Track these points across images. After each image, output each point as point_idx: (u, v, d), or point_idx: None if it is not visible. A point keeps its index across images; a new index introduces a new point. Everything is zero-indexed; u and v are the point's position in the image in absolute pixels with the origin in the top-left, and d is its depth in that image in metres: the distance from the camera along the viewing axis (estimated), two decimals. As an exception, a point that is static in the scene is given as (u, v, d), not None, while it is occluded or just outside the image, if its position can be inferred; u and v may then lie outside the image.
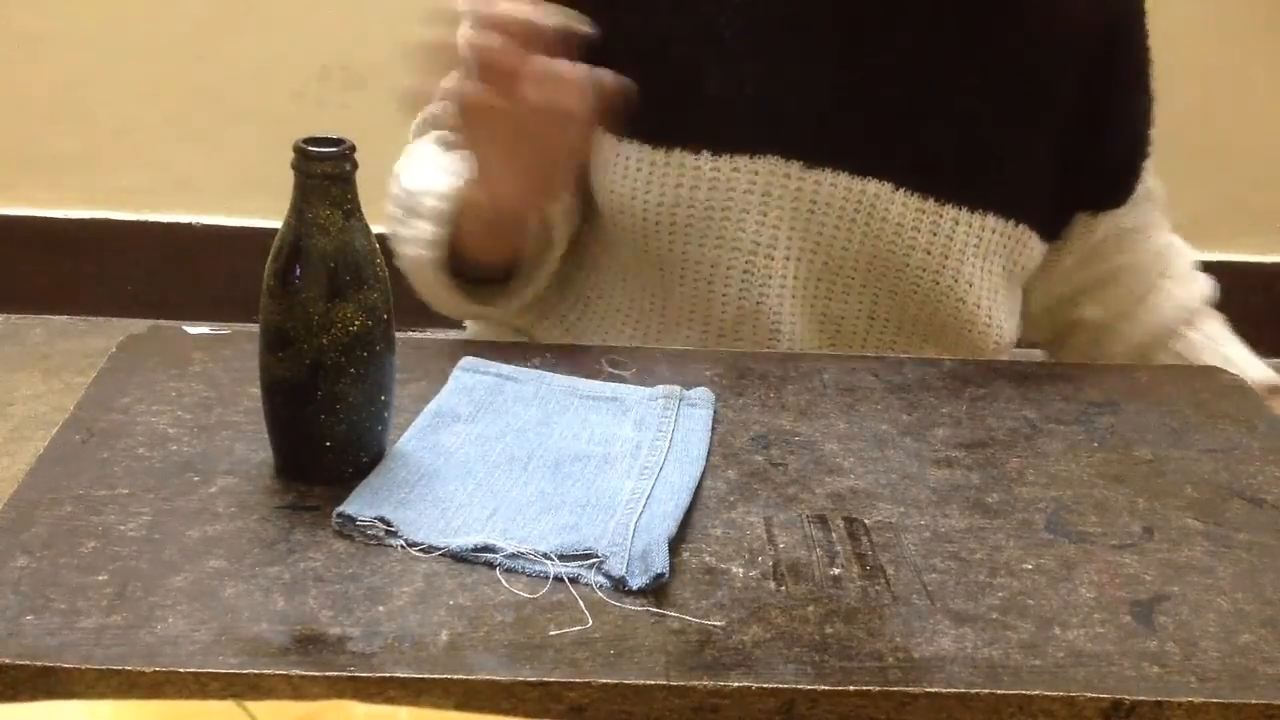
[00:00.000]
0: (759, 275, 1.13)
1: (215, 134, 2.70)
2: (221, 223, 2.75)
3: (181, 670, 0.69)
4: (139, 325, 1.09)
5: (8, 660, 0.69)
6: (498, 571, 0.78)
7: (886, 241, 1.12)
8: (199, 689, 0.69)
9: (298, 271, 0.84)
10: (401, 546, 0.80)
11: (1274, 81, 2.71)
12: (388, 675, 0.69)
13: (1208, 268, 1.35)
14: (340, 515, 0.82)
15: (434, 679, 0.70)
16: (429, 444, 0.91)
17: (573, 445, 0.92)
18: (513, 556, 0.79)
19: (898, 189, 1.12)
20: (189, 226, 2.76)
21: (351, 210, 0.85)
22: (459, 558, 0.79)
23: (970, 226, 1.13)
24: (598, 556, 0.79)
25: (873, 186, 1.12)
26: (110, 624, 0.72)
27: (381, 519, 0.81)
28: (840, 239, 1.13)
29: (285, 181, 1.18)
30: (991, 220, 1.13)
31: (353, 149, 0.84)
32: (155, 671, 0.69)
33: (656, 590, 0.77)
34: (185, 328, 1.07)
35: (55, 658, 0.69)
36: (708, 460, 0.91)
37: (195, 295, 2.68)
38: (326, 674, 0.69)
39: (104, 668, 0.69)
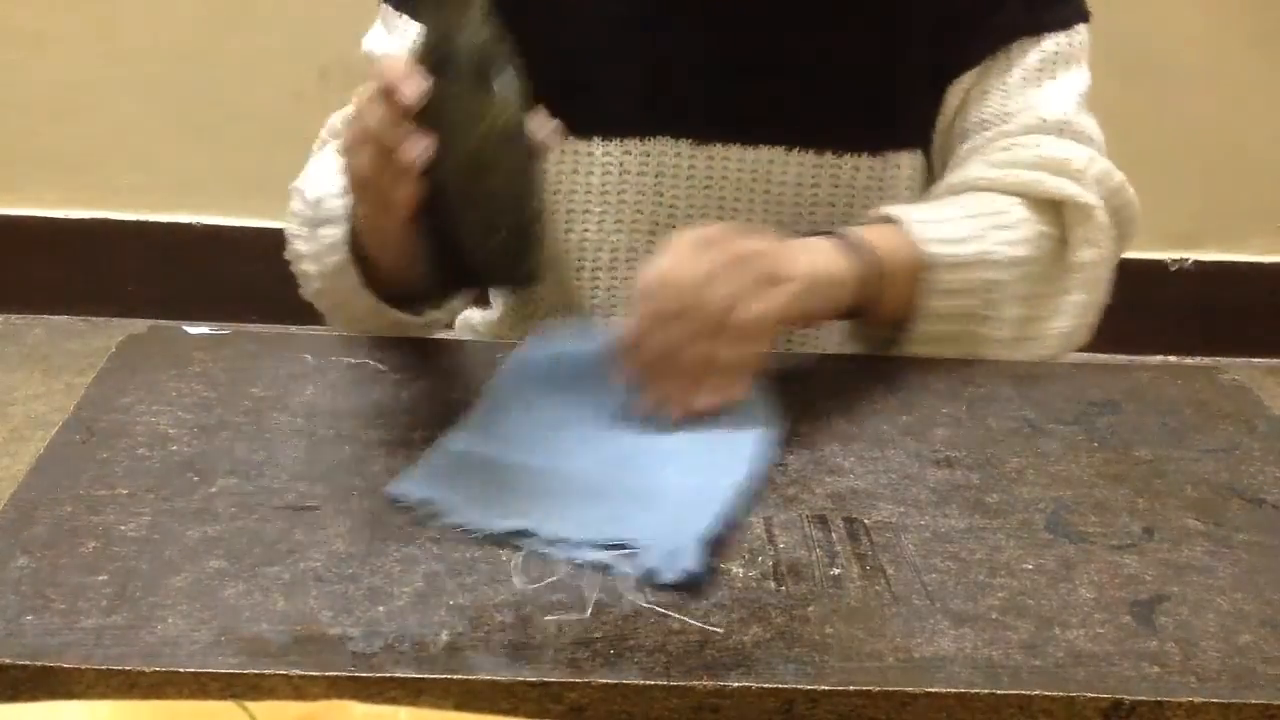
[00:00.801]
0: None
1: (215, 134, 2.70)
2: (221, 223, 2.75)
3: (181, 670, 0.69)
4: (139, 325, 1.09)
5: (8, 660, 0.69)
6: (511, 564, 0.78)
7: (789, 204, 1.14)
8: (199, 689, 0.69)
9: (441, 71, 0.85)
10: (444, 526, 0.81)
11: (1274, 82, 2.71)
12: (388, 675, 0.69)
13: (1208, 268, 1.33)
14: (390, 494, 0.83)
15: (434, 679, 0.70)
16: (485, 425, 0.92)
17: (630, 435, 0.92)
18: (550, 543, 0.79)
19: (790, 150, 1.14)
20: (189, 226, 2.76)
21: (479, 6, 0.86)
22: (493, 539, 0.80)
23: (873, 170, 1.14)
24: (634, 549, 0.79)
25: (765, 153, 1.15)
26: (110, 624, 0.72)
27: (428, 500, 0.83)
28: (742, 210, 1.15)
29: (285, 181, 1.18)
30: (895, 157, 1.14)
31: None
32: (155, 671, 0.69)
33: (682, 588, 0.77)
34: (185, 328, 1.07)
35: (55, 658, 0.69)
36: (766, 461, 0.91)
37: (195, 295, 2.68)
38: (326, 674, 0.69)
39: (104, 668, 0.69)
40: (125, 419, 0.93)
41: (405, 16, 1.19)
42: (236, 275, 2.73)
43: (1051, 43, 1.16)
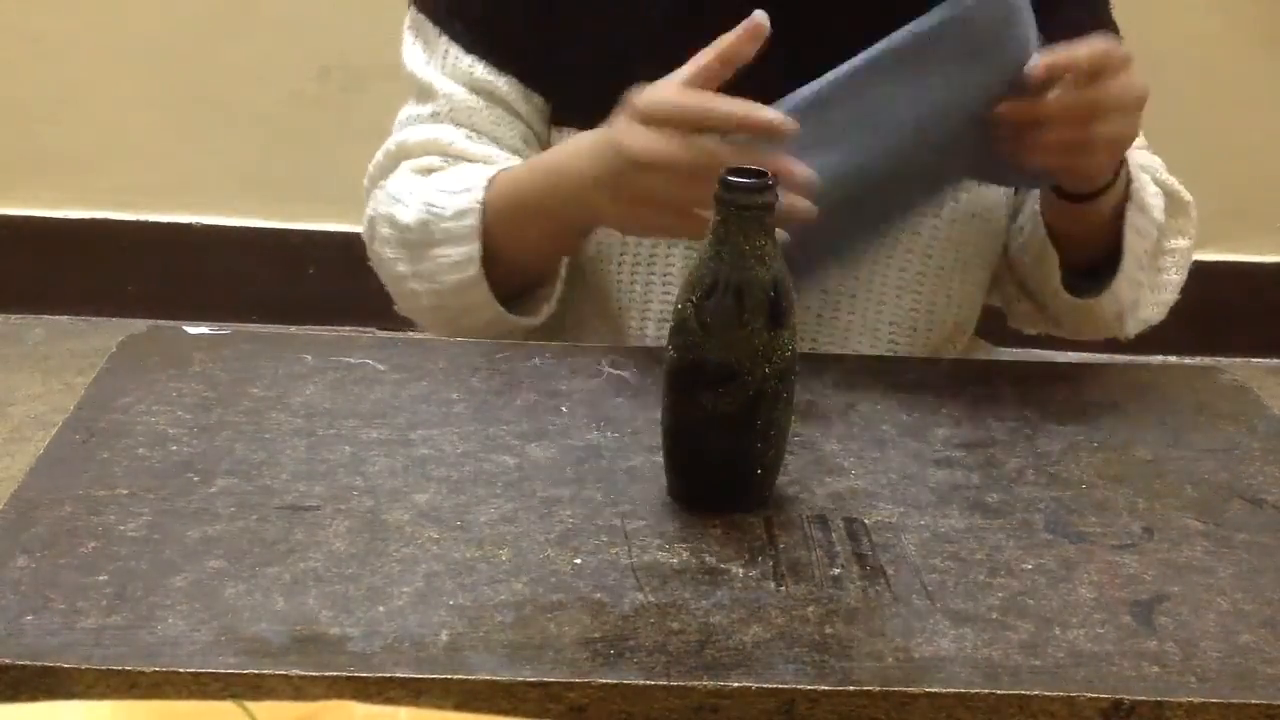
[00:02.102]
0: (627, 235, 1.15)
1: (215, 134, 2.70)
2: (221, 223, 2.75)
3: (181, 670, 0.69)
4: (139, 325, 1.10)
5: (8, 660, 0.69)
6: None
7: None
8: (199, 689, 0.69)
9: (736, 304, 0.83)
10: None
11: (1274, 82, 2.71)
12: (388, 675, 0.69)
13: (1208, 268, 1.35)
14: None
15: (434, 679, 0.70)
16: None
17: None
18: None
19: None
20: (189, 226, 2.76)
21: (774, 238, 0.85)
22: None
23: None
24: None
25: None
26: (110, 624, 0.72)
27: None
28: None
29: (285, 181, 1.18)
30: None
31: (775, 180, 0.85)
32: (155, 671, 0.69)
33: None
34: (185, 328, 1.07)
35: (55, 658, 0.69)
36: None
37: (195, 295, 2.68)
38: (326, 674, 0.69)
39: (104, 668, 0.69)
40: (125, 419, 0.93)
41: (446, 37, 1.17)
42: (236, 275, 2.73)
43: None
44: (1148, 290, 1.18)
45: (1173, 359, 2.67)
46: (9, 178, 2.74)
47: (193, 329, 1.06)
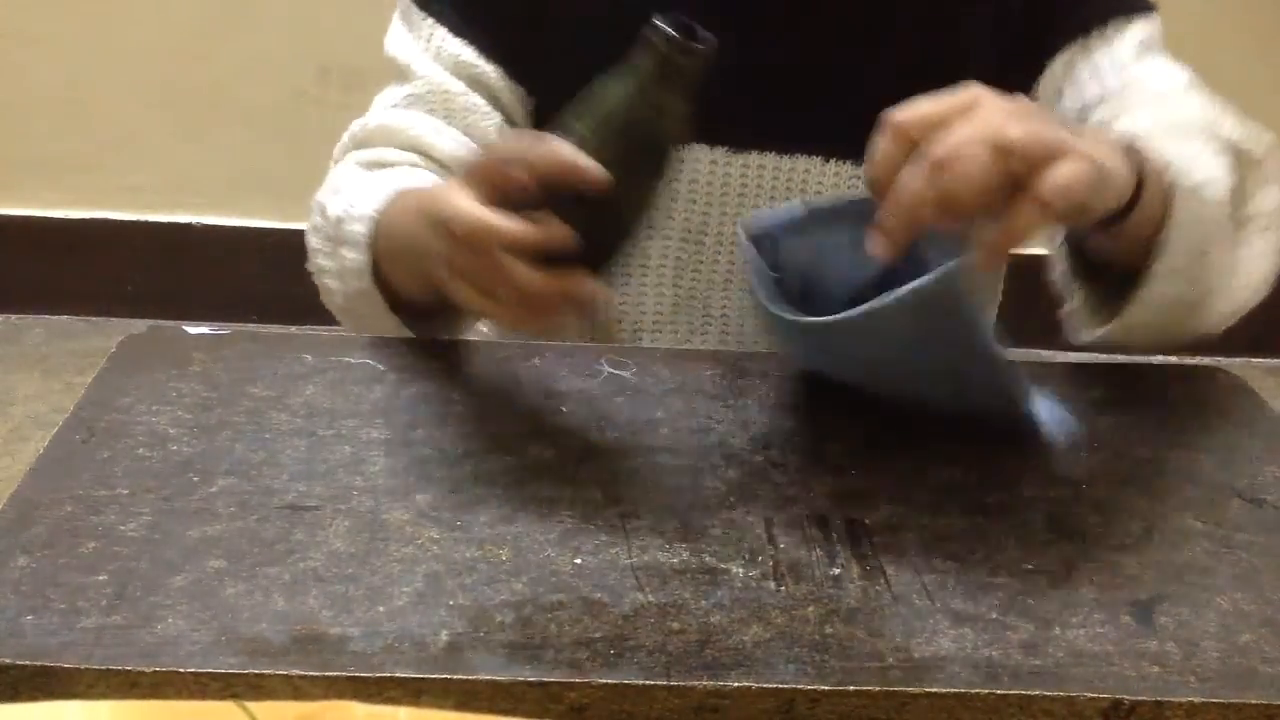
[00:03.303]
0: (689, 262, 1.14)
1: (215, 134, 2.70)
2: (221, 223, 2.75)
3: (181, 670, 0.69)
4: (139, 325, 1.09)
5: (8, 660, 0.69)
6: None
7: None
8: (199, 689, 0.69)
9: (637, 151, 0.86)
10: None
11: (1274, 81, 2.71)
12: (388, 675, 0.69)
13: (1207, 268, 1.31)
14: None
15: (434, 679, 0.70)
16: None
17: None
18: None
19: (828, 160, 1.13)
20: (189, 226, 2.76)
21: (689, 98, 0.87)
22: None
23: None
24: None
25: (802, 163, 1.13)
26: (110, 624, 0.72)
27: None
28: None
29: (285, 181, 1.19)
30: None
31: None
32: (155, 671, 0.69)
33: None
34: (185, 328, 1.07)
35: (55, 658, 0.69)
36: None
37: (195, 295, 2.68)
38: (326, 674, 0.69)
39: (104, 668, 0.69)
40: (125, 419, 0.93)
41: (431, 19, 1.16)
42: (236, 275, 2.73)
43: (1140, 27, 1.15)
44: (1223, 276, 1.05)
45: (1173, 359, 2.67)
46: (9, 178, 2.74)
47: (193, 329, 1.06)
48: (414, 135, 1.14)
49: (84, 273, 2.76)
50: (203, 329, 1.06)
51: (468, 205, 0.88)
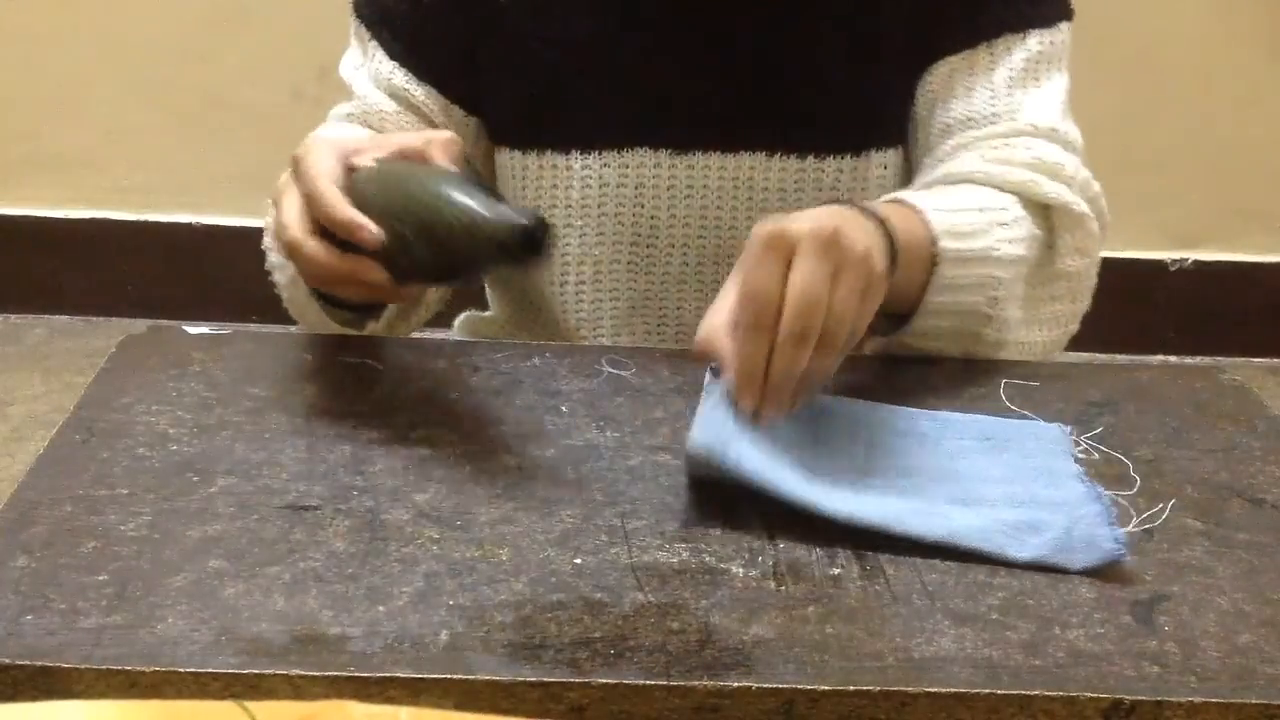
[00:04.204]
0: (642, 265, 1.15)
1: (215, 134, 2.70)
2: (221, 223, 2.75)
3: (181, 670, 0.69)
4: (139, 325, 1.09)
5: (8, 660, 0.69)
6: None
7: (773, 210, 1.13)
8: (199, 689, 0.69)
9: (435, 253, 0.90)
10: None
11: (1274, 81, 2.71)
12: (388, 675, 0.69)
13: (1208, 268, 1.32)
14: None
15: (434, 679, 0.70)
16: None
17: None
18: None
19: (772, 155, 1.14)
20: (189, 226, 2.76)
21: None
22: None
23: (855, 170, 1.14)
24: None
25: (746, 160, 1.14)
26: (110, 624, 0.72)
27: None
28: (725, 218, 1.15)
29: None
30: (878, 156, 1.14)
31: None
32: (155, 671, 0.69)
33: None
34: (185, 328, 1.07)
35: (55, 658, 0.69)
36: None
37: (195, 295, 2.68)
38: (326, 674, 0.69)
39: (104, 668, 0.69)
40: (125, 419, 0.93)
41: (375, 42, 1.19)
42: (236, 275, 2.72)
43: (1036, 41, 1.14)
44: (1025, 328, 1.10)
45: (1173, 359, 2.68)
46: (9, 178, 2.74)
47: (193, 329, 1.06)
48: None
49: (84, 273, 2.76)
50: (203, 329, 1.06)
51: (289, 209, 0.94)
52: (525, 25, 1.15)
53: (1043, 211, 1.09)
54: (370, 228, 0.89)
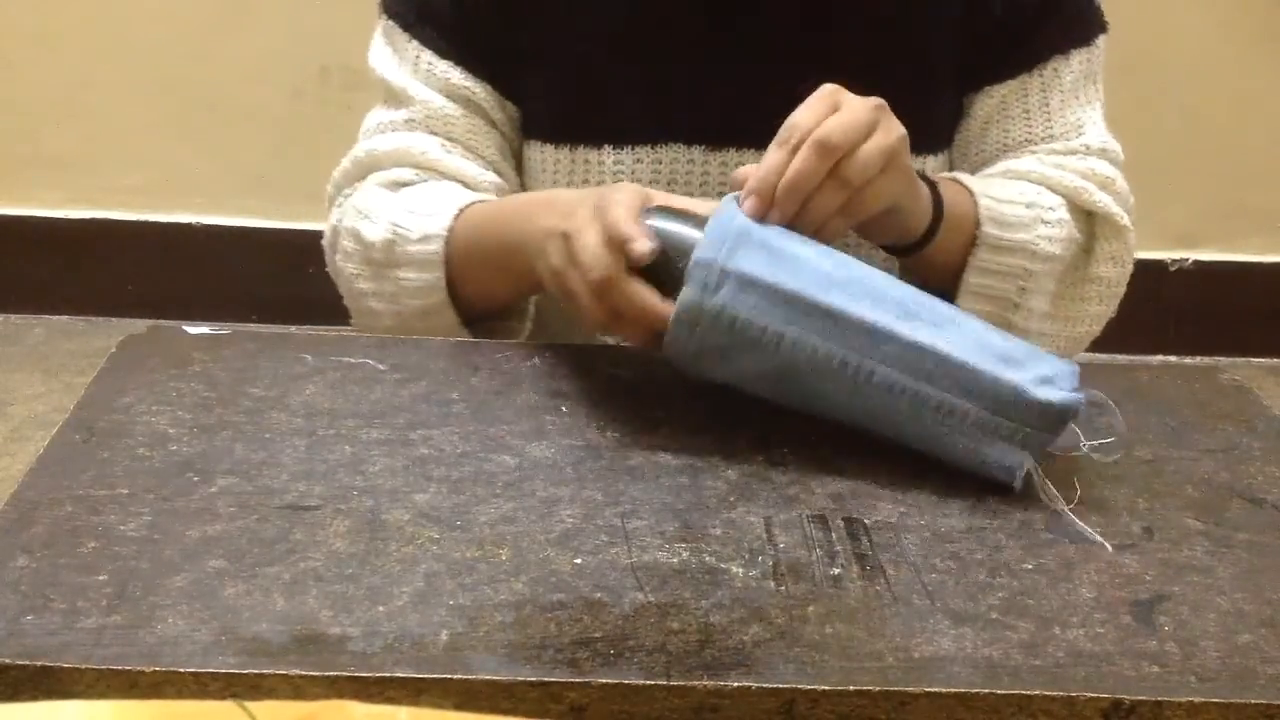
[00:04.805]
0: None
1: (215, 134, 2.70)
2: (221, 223, 2.75)
3: (181, 670, 0.69)
4: (139, 325, 1.09)
5: (8, 660, 0.69)
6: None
7: None
8: (199, 689, 0.69)
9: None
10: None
11: (1274, 81, 2.71)
12: (388, 675, 0.70)
13: (1208, 268, 1.34)
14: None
15: (434, 679, 0.70)
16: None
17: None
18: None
19: None
20: (189, 226, 2.76)
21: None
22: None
23: None
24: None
25: None
26: (110, 624, 0.72)
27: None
28: None
29: (285, 181, 1.19)
30: (915, 160, 1.15)
31: None
32: (155, 671, 0.69)
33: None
34: (185, 328, 1.07)
35: (55, 658, 0.69)
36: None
37: (195, 295, 2.68)
38: (326, 674, 0.69)
39: (104, 668, 0.69)
40: (125, 419, 0.93)
41: (417, 42, 1.17)
42: (236, 275, 2.73)
43: (1079, 60, 1.19)
44: (1050, 321, 1.16)
45: (1173, 359, 2.68)
46: (9, 178, 2.74)
47: (193, 329, 1.06)
48: (431, 158, 1.16)
49: (84, 273, 2.76)
50: (203, 329, 1.06)
51: (595, 237, 0.93)
52: (560, 18, 1.15)
53: (1086, 218, 1.16)
54: (646, 244, 0.91)
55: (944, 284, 1.11)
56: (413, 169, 1.16)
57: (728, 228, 0.91)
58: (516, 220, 1.06)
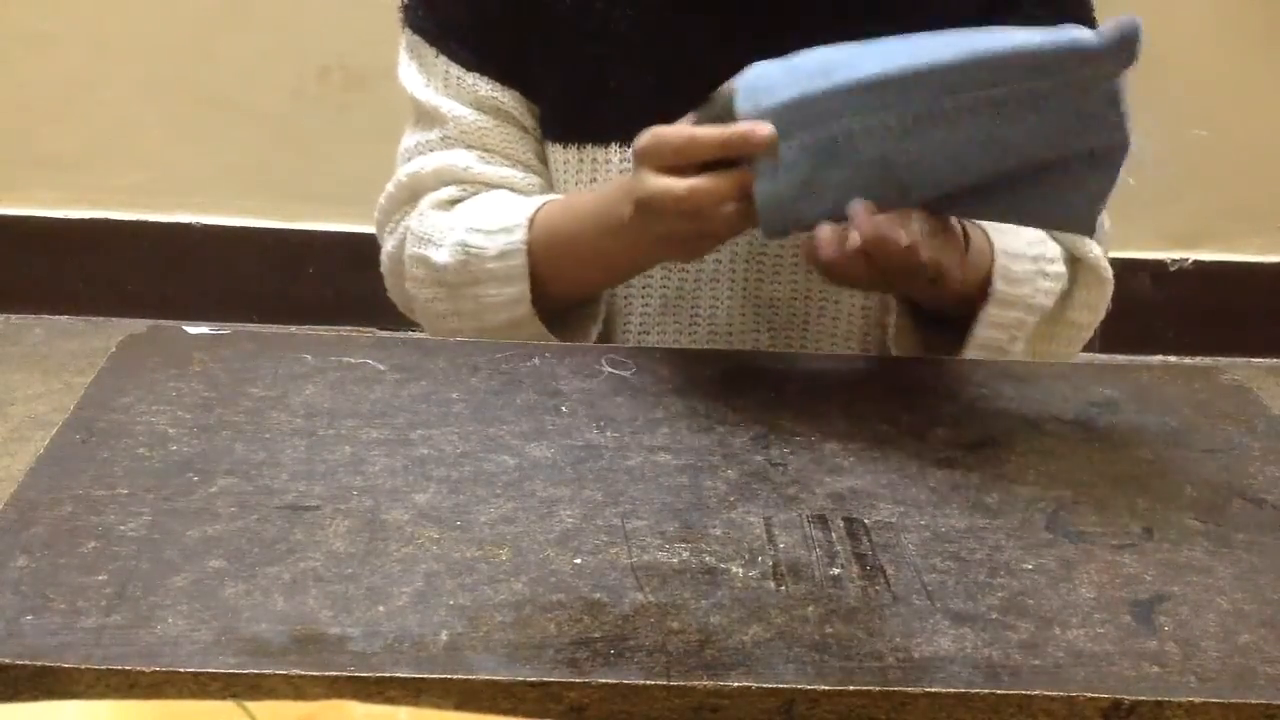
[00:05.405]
0: (675, 262, 1.15)
1: (215, 134, 2.70)
2: (221, 223, 2.75)
3: (181, 670, 0.69)
4: (139, 325, 1.09)
5: (8, 660, 0.69)
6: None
7: None
8: (199, 689, 0.69)
9: None
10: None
11: (1274, 82, 2.71)
12: (388, 675, 0.69)
13: (1208, 268, 1.34)
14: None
15: (434, 679, 0.70)
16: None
17: None
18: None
19: None
20: (189, 226, 2.76)
21: None
22: None
23: None
24: None
25: None
26: (110, 624, 0.72)
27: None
28: None
29: (285, 181, 1.19)
30: None
31: None
32: (155, 671, 0.69)
33: None
34: (185, 328, 1.07)
35: (55, 658, 0.69)
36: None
37: (195, 295, 2.68)
38: (326, 674, 0.69)
39: (104, 668, 0.69)
40: (125, 419, 0.93)
41: (444, 57, 1.17)
42: (236, 275, 2.73)
43: None
44: (1019, 356, 1.18)
45: (1173, 359, 2.68)
46: (9, 178, 2.74)
47: (193, 329, 1.06)
48: (474, 172, 1.17)
49: (84, 273, 2.76)
50: (203, 329, 1.06)
51: (672, 183, 0.97)
52: (568, 18, 1.15)
53: (1072, 263, 1.17)
54: (765, 124, 0.94)
55: (942, 330, 1.13)
56: (457, 185, 1.17)
57: (748, 86, 0.95)
58: (597, 208, 1.09)
